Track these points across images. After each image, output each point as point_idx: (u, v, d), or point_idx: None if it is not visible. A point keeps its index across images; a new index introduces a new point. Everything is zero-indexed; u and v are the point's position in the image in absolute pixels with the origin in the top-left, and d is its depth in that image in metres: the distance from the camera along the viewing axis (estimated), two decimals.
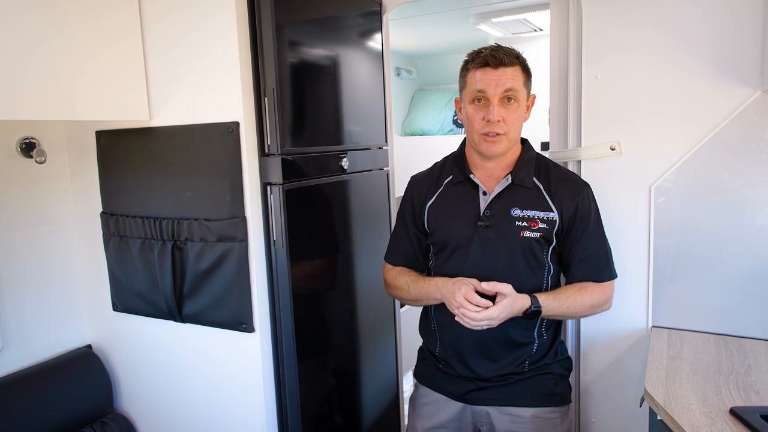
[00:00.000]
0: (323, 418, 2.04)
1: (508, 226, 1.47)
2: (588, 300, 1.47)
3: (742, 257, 1.66)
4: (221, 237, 1.74)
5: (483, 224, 1.48)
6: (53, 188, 2.03)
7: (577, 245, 1.49)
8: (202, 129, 1.74)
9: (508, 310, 1.36)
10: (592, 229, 1.49)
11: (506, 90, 1.41)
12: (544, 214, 1.47)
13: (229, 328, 1.81)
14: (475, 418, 1.59)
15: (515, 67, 1.43)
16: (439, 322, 1.58)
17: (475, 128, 1.45)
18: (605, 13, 1.77)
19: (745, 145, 1.63)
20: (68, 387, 1.96)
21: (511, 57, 1.42)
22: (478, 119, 1.43)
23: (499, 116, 1.41)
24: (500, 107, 1.41)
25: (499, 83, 1.40)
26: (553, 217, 1.47)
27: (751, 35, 1.59)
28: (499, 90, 1.40)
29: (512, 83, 1.41)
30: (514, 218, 1.47)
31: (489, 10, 3.10)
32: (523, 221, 1.46)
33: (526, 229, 1.46)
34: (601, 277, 1.51)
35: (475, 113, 1.44)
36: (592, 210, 1.51)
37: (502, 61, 1.41)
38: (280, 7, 1.70)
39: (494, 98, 1.41)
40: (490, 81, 1.41)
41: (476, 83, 1.42)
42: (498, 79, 1.40)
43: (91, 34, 1.64)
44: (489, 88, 1.41)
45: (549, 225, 1.46)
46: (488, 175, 1.53)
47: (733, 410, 1.22)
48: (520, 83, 1.43)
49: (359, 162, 2.16)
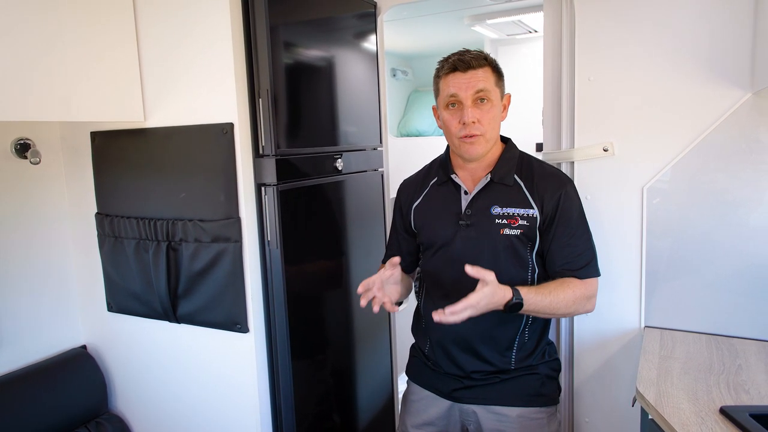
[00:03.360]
0: (318, 418, 2.04)
1: (488, 225, 1.48)
2: (570, 295, 1.44)
3: (734, 258, 1.67)
4: (216, 237, 1.75)
5: (464, 223, 1.50)
6: (48, 189, 2.03)
7: (559, 241, 1.48)
8: (197, 130, 1.75)
9: (488, 299, 1.31)
10: (575, 225, 1.49)
11: (477, 91, 1.43)
12: (524, 211, 1.47)
13: (224, 329, 1.81)
14: (462, 417, 1.60)
15: (485, 68, 1.45)
16: (428, 319, 1.59)
17: (453, 132, 1.47)
18: (598, 15, 1.78)
19: (736, 147, 1.64)
20: (63, 387, 1.96)
21: (479, 59, 1.45)
22: (454, 123, 1.46)
23: (474, 117, 1.43)
24: (474, 109, 1.43)
25: (469, 85, 1.43)
26: (533, 213, 1.47)
27: (741, 37, 1.61)
28: (470, 92, 1.43)
29: (483, 84, 1.43)
30: (494, 216, 1.48)
31: (484, 11, 3.11)
32: (503, 219, 1.47)
33: (506, 227, 1.47)
34: (583, 274, 1.48)
35: (451, 118, 1.47)
36: (574, 206, 1.50)
37: (470, 64, 1.43)
38: (275, 9, 1.71)
39: (467, 100, 1.43)
40: (460, 84, 1.43)
41: (448, 88, 1.45)
42: (468, 81, 1.43)
43: (85, 35, 1.65)
44: (460, 91, 1.43)
45: (530, 222, 1.47)
46: (470, 175, 1.55)
47: (723, 409, 1.23)
48: (491, 84, 1.45)
49: (354, 163, 2.16)
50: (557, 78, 1.93)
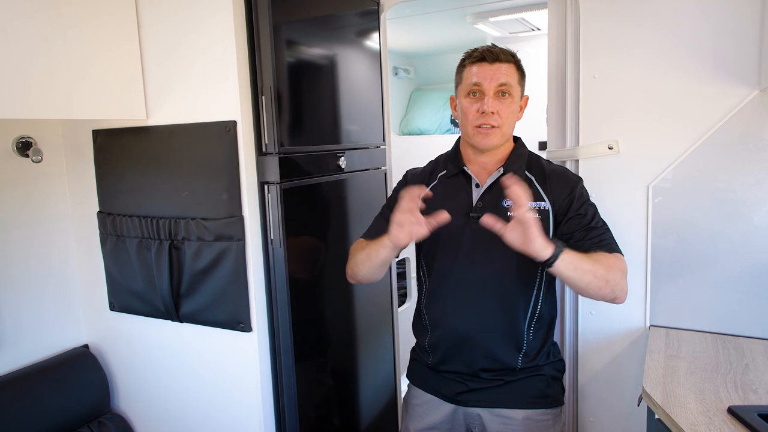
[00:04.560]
0: (320, 418, 2.04)
1: (500, 217, 1.46)
2: (607, 262, 1.38)
3: (740, 256, 1.66)
4: (218, 236, 1.74)
5: (475, 215, 1.48)
6: (50, 188, 2.03)
7: (583, 224, 1.46)
8: (200, 128, 1.74)
9: (538, 226, 1.27)
10: (592, 217, 1.49)
11: (501, 84, 1.44)
12: (536, 204, 1.47)
13: (227, 328, 1.80)
14: (467, 420, 1.58)
15: (510, 64, 1.47)
16: (430, 318, 1.58)
17: (470, 120, 1.48)
18: (603, 12, 1.77)
19: (742, 145, 1.63)
20: (65, 387, 1.96)
21: (506, 54, 1.47)
22: (473, 111, 1.47)
23: (494, 108, 1.44)
24: (495, 100, 1.45)
25: (494, 77, 1.44)
26: (545, 207, 1.47)
27: (748, 34, 1.59)
28: (494, 83, 1.44)
29: (507, 78, 1.45)
30: (506, 209, 1.47)
31: (487, 9, 3.10)
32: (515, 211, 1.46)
33: None
34: (613, 249, 1.45)
35: (470, 106, 1.47)
36: (588, 201, 1.51)
37: (498, 57, 1.45)
38: (278, 6, 1.70)
39: (489, 91, 1.44)
40: (485, 74, 1.45)
41: (472, 77, 1.46)
42: (494, 73, 1.44)
43: (87, 33, 1.64)
44: (484, 81, 1.44)
45: (542, 215, 1.46)
46: (481, 169, 1.55)
47: (731, 409, 1.23)
48: (514, 80, 1.47)
49: (357, 161, 2.16)
50: (561, 76, 1.92)
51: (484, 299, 1.49)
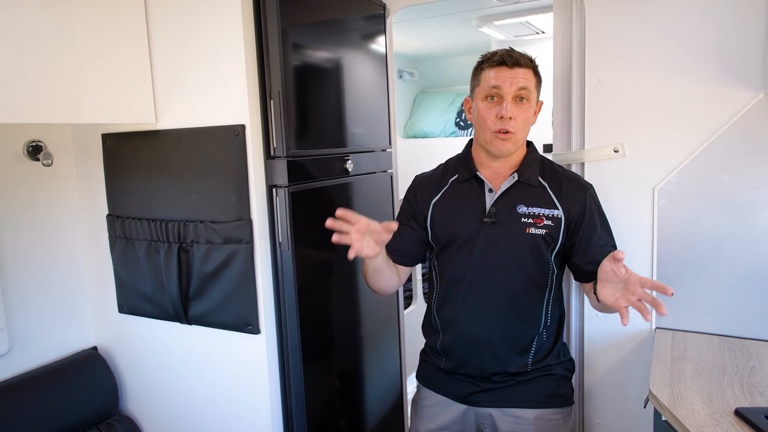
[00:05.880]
0: (328, 420, 2.05)
1: (514, 223, 1.48)
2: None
3: (746, 259, 1.67)
4: (227, 239, 1.75)
5: (489, 221, 1.49)
6: (59, 191, 2.05)
7: (592, 241, 1.49)
8: (208, 132, 1.75)
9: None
10: (602, 225, 1.51)
11: (520, 88, 1.44)
12: (549, 212, 1.48)
13: (235, 330, 1.81)
14: (478, 420, 1.59)
15: (529, 69, 1.47)
16: (441, 321, 1.59)
17: (488, 125, 1.46)
18: (608, 15, 1.78)
19: (747, 148, 1.64)
20: (74, 389, 1.97)
21: (526, 59, 1.47)
22: (491, 116, 1.45)
23: (512, 113, 1.43)
24: (513, 105, 1.44)
25: (513, 81, 1.43)
26: (558, 215, 1.48)
27: (753, 38, 1.60)
28: (513, 88, 1.43)
29: (526, 83, 1.44)
30: (520, 215, 1.48)
31: (492, 12, 3.11)
32: (529, 218, 1.47)
33: (531, 226, 1.47)
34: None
35: (488, 110, 1.46)
36: (598, 208, 1.53)
37: (518, 61, 1.45)
38: (286, 11, 1.71)
39: (508, 95, 1.43)
40: (505, 78, 1.44)
41: (491, 80, 1.45)
42: (513, 77, 1.43)
43: (97, 38, 1.65)
44: (504, 85, 1.43)
45: (554, 223, 1.47)
46: (495, 174, 1.54)
47: (738, 411, 1.23)
48: (532, 85, 1.47)
49: (363, 164, 2.17)
50: (567, 79, 1.93)
51: (497, 304, 1.50)
